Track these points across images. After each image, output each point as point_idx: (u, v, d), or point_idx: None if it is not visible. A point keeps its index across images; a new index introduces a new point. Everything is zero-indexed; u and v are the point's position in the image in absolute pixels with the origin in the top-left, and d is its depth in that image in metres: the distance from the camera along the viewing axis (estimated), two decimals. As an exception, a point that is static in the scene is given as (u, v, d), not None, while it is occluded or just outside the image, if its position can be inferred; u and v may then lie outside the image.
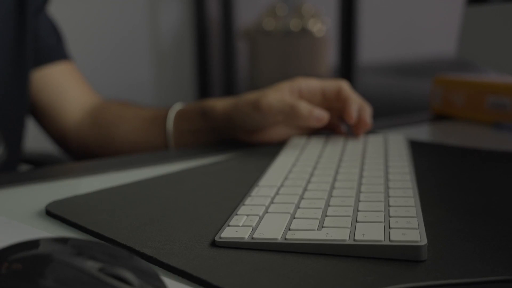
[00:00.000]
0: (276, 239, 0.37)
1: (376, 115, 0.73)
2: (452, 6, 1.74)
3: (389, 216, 0.40)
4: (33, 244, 0.30)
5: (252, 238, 0.37)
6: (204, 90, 2.18)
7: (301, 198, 0.45)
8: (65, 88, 0.79)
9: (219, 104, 0.67)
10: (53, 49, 0.79)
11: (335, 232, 0.37)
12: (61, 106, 0.78)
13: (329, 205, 0.43)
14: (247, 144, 0.66)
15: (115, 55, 1.99)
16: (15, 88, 0.73)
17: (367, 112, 0.65)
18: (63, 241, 0.31)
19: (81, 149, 0.78)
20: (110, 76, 1.96)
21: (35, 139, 1.02)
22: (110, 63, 1.97)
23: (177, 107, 0.71)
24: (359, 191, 0.46)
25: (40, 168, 0.69)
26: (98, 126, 0.76)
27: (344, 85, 0.65)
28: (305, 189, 0.47)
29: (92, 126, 0.76)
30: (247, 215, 0.41)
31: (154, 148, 0.71)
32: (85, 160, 0.72)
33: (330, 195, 0.45)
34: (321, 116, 0.61)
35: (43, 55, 0.77)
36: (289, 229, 0.38)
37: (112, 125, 0.75)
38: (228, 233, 0.38)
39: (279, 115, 0.62)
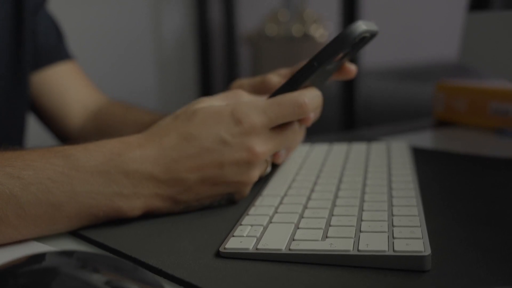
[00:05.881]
0: (280, 249, 0.37)
1: (379, 120, 0.73)
2: (454, 10, 1.74)
3: (393, 226, 0.40)
4: (39, 257, 0.30)
5: (257, 249, 0.37)
6: (207, 95, 2.18)
7: (305, 207, 0.45)
8: (67, 90, 0.78)
9: None
10: (53, 50, 0.78)
11: (339, 242, 0.37)
12: (64, 109, 0.78)
13: (333, 215, 0.43)
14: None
15: (118, 61, 2.00)
16: (14, 89, 0.72)
17: None
18: (68, 254, 0.31)
19: None
20: (114, 82, 1.96)
21: (35, 140, 1.02)
22: (114, 68, 1.98)
23: None
24: (362, 200, 0.46)
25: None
26: (100, 130, 0.76)
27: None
28: (308, 198, 0.47)
29: (95, 130, 0.76)
30: (251, 225, 0.41)
31: None
32: None
33: (333, 204, 0.45)
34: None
35: (43, 56, 0.76)
36: (293, 240, 0.38)
37: (114, 130, 0.75)
38: (233, 243, 0.38)
39: None
